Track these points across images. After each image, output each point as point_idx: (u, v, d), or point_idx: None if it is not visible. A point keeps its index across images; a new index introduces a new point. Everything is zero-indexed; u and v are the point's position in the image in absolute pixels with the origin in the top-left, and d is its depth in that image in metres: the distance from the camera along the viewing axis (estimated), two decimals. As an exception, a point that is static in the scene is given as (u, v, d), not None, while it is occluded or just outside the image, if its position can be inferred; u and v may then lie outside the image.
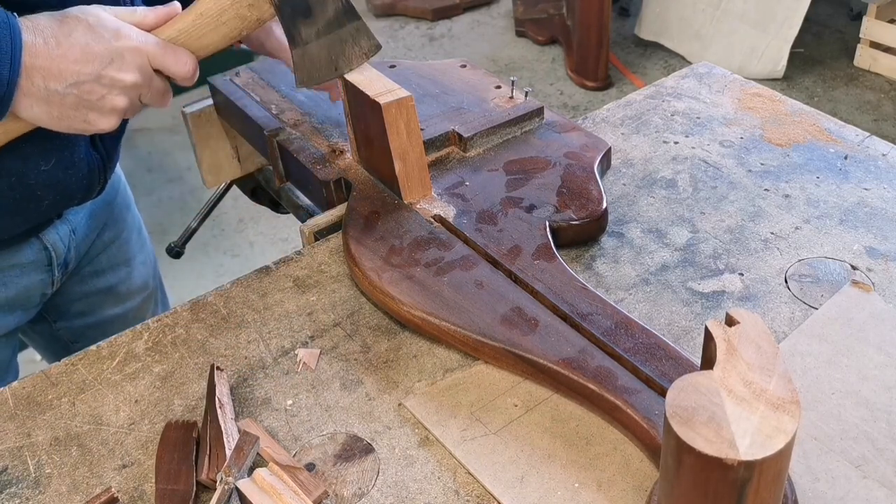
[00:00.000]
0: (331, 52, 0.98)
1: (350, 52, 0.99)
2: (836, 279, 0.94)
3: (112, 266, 1.30)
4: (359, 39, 0.98)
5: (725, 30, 3.71)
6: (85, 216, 1.20)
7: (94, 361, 0.90)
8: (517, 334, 0.84)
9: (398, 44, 4.28)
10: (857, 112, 3.42)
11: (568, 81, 3.83)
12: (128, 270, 1.33)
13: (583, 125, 1.22)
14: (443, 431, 0.79)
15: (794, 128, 1.20)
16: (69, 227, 1.15)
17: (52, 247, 1.12)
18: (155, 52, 0.88)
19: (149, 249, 1.41)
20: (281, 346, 0.91)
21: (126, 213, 1.32)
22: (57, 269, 1.15)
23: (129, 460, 0.79)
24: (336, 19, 0.96)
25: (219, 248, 3.01)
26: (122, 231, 1.31)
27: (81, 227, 1.19)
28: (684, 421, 0.57)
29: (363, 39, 0.99)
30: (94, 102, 0.86)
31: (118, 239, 1.30)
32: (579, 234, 1.00)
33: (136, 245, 1.35)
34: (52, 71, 0.83)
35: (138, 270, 1.36)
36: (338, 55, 0.98)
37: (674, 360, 0.79)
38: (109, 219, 1.27)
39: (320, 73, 0.99)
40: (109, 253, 1.29)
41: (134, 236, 1.34)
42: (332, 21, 0.96)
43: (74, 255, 1.19)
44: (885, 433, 0.76)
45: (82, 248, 1.22)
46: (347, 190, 1.09)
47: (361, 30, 0.98)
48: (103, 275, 1.29)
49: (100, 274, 1.28)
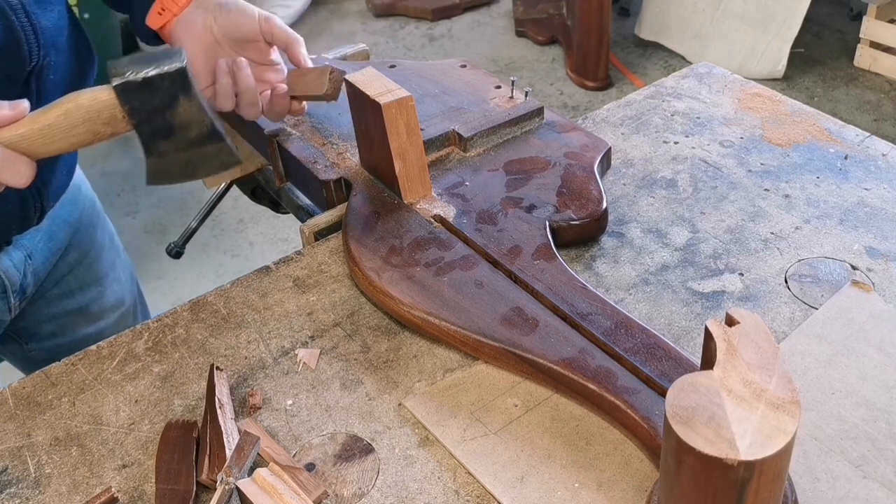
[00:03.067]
0: (186, 163, 0.91)
1: (209, 165, 0.92)
2: (836, 279, 0.94)
3: (81, 287, 1.26)
4: (219, 155, 0.92)
5: (725, 30, 3.71)
6: (43, 239, 1.16)
7: (94, 361, 0.90)
8: (517, 334, 0.84)
9: (398, 44, 4.28)
10: (857, 112, 3.42)
11: (568, 81, 3.83)
12: (99, 290, 1.29)
13: (583, 125, 1.22)
14: (443, 431, 0.79)
15: (794, 128, 1.20)
16: (24, 252, 1.12)
17: (3, 274, 1.09)
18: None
19: (124, 265, 1.37)
20: (281, 346, 0.91)
21: (93, 233, 1.28)
22: (13, 295, 1.12)
23: (129, 460, 0.79)
24: (198, 140, 0.89)
25: (219, 248, 3.01)
26: (88, 251, 1.26)
27: (39, 251, 1.15)
28: (684, 421, 0.57)
29: (224, 156, 0.92)
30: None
31: (85, 259, 1.26)
32: (579, 234, 1.00)
33: (107, 263, 1.31)
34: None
35: (111, 289, 1.32)
36: (195, 166, 0.92)
37: (674, 360, 0.79)
38: (73, 240, 1.23)
39: (173, 178, 0.92)
40: (77, 274, 1.25)
41: (104, 255, 1.30)
42: (194, 141, 0.89)
43: (33, 280, 1.16)
44: (885, 433, 0.76)
45: (42, 273, 1.18)
46: (347, 190, 1.09)
47: (223, 149, 0.92)
48: (72, 296, 1.25)
49: (68, 295, 1.25)
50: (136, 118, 0.85)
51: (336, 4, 4.65)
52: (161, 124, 0.86)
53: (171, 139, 0.88)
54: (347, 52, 1.42)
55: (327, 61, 1.36)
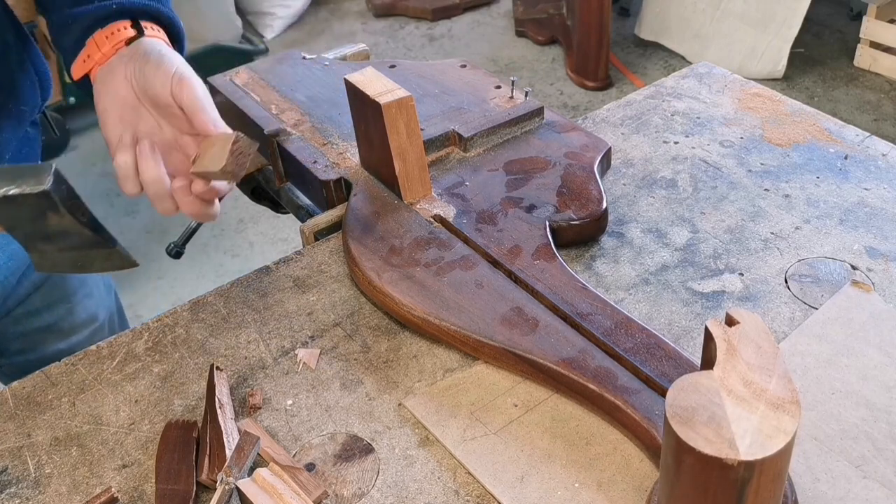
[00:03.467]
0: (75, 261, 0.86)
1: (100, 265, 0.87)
2: (836, 279, 0.94)
3: (48, 305, 1.22)
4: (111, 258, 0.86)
5: (725, 30, 3.71)
6: (4, 259, 1.11)
7: (94, 361, 0.90)
8: (517, 334, 0.84)
9: (398, 44, 4.28)
10: (857, 112, 3.42)
11: (568, 81, 3.83)
12: (68, 307, 1.25)
13: (583, 125, 1.22)
14: (443, 431, 0.79)
15: (794, 128, 1.20)
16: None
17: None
18: None
19: (97, 279, 1.32)
20: (281, 346, 0.91)
21: None
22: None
23: (129, 460, 0.79)
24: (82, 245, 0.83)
25: (219, 248, 3.01)
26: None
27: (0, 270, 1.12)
28: (684, 421, 0.57)
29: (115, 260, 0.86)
30: None
31: (49, 279, 1.21)
32: (579, 234, 1.00)
33: (77, 280, 1.25)
34: None
35: (82, 305, 1.27)
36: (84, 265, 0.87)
37: (674, 360, 0.79)
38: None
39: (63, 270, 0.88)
40: (43, 292, 1.20)
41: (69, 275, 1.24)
42: (77, 246, 0.83)
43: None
44: (885, 433, 0.76)
45: (4, 292, 1.14)
46: (347, 190, 1.09)
47: (114, 254, 0.85)
48: (39, 314, 1.21)
49: (35, 314, 1.21)
50: (5, 224, 0.80)
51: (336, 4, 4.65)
52: (35, 231, 0.81)
53: (51, 243, 0.82)
54: (347, 52, 1.41)
55: (327, 61, 1.36)
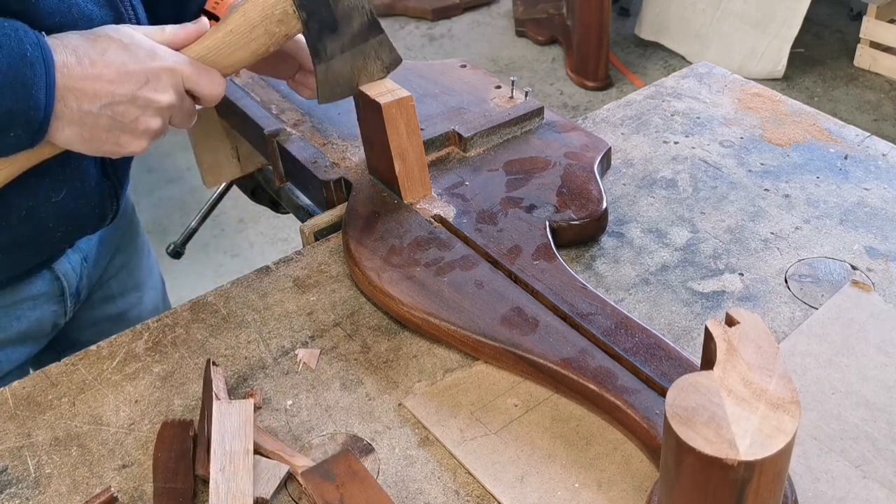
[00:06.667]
0: (353, 66, 0.97)
1: (372, 66, 0.99)
2: (836, 279, 0.94)
3: (122, 292, 1.26)
4: (381, 53, 0.98)
5: (725, 30, 3.71)
6: (96, 242, 1.15)
7: (94, 361, 0.90)
8: (517, 334, 0.84)
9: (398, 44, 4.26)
10: (857, 112, 3.42)
11: (568, 81, 3.83)
12: (139, 295, 1.29)
13: (583, 125, 1.22)
14: (443, 431, 0.79)
15: (794, 128, 1.20)
16: (81, 255, 1.11)
17: (64, 277, 1.08)
18: (189, 72, 0.85)
19: (158, 276, 1.37)
20: (281, 346, 0.91)
21: (136, 238, 1.28)
22: (69, 298, 1.11)
23: (128, 460, 0.79)
24: (361, 33, 0.95)
25: (219, 248, 3.01)
26: (132, 256, 1.27)
27: (93, 253, 1.15)
28: (684, 421, 0.57)
29: (385, 53, 0.99)
30: (127, 124, 0.83)
31: (128, 264, 1.26)
32: (579, 234, 1.00)
33: (146, 270, 1.31)
34: (87, 92, 0.79)
35: (149, 296, 1.32)
36: (359, 70, 0.98)
37: (674, 360, 0.79)
38: (121, 243, 1.23)
39: (342, 88, 0.98)
40: (120, 278, 1.24)
41: (144, 261, 1.31)
42: (357, 35, 0.95)
43: (86, 283, 1.15)
44: (885, 433, 0.76)
45: (94, 276, 1.17)
46: (347, 190, 1.09)
47: (384, 43, 0.98)
48: (113, 301, 1.25)
49: (110, 300, 1.24)
50: (305, 10, 0.90)
51: (336, 4, 4.64)
52: (327, 17, 0.92)
53: (337, 35, 0.94)
54: (347, 52, 1.41)
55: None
